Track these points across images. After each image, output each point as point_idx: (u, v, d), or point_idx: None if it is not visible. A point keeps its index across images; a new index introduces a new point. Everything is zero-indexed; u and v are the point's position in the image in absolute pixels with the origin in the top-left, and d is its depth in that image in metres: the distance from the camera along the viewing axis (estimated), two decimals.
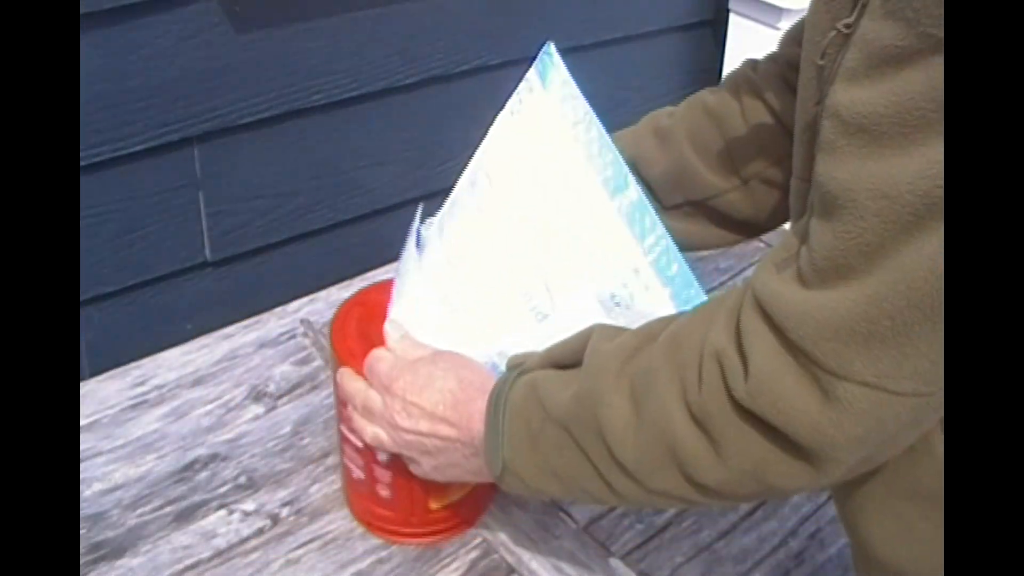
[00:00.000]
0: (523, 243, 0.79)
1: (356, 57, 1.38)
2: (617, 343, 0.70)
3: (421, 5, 1.41)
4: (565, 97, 0.77)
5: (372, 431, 0.83)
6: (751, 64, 0.94)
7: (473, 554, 0.93)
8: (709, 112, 0.93)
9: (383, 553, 0.92)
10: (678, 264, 0.75)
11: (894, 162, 0.51)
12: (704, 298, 0.75)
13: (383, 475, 0.89)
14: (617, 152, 0.76)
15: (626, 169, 0.76)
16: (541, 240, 0.78)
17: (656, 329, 0.70)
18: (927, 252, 0.52)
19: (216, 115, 1.27)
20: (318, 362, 1.14)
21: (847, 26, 0.56)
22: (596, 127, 0.77)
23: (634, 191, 0.76)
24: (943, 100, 0.48)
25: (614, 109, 1.85)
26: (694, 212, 0.94)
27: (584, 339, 0.73)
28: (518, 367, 0.77)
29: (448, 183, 1.06)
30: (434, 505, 0.91)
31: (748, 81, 0.93)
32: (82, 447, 1.01)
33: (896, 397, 0.56)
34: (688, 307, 0.75)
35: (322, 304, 1.24)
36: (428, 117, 1.48)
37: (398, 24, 1.40)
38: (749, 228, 0.96)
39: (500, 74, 1.53)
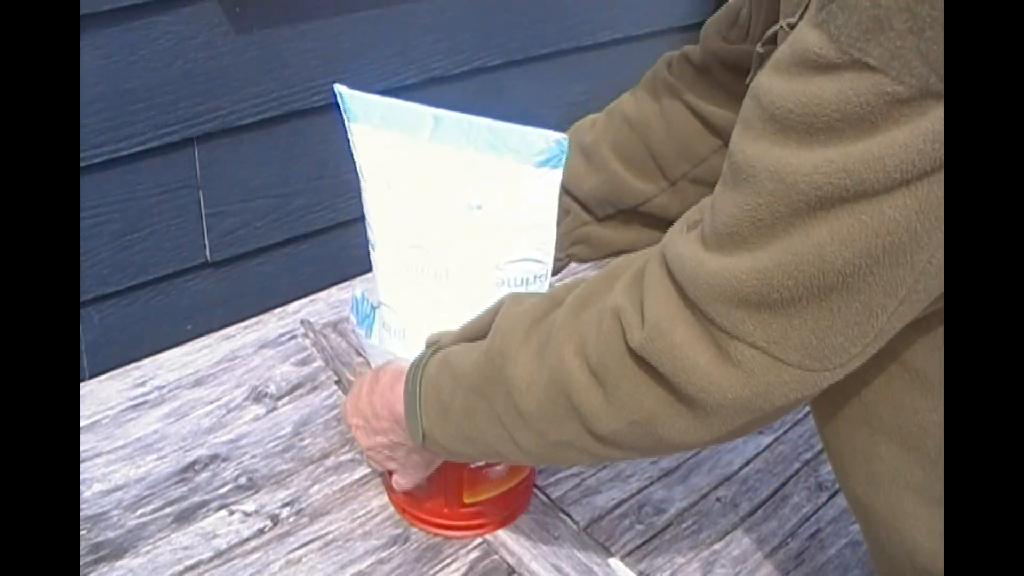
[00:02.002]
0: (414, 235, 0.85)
1: (356, 58, 1.38)
2: (527, 306, 0.74)
3: (421, 5, 1.41)
4: (366, 112, 0.86)
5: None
6: (666, 62, 0.95)
7: (473, 554, 0.93)
8: (629, 121, 0.95)
9: (383, 554, 0.92)
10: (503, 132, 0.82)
11: (795, 152, 0.55)
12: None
13: None
14: (412, 105, 0.84)
15: (424, 108, 0.83)
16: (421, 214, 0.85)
17: (563, 294, 0.73)
18: (815, 238, 0.55)
19: (216, 115, 1.27)
20: (318, 363, 1.14)
21: (791, 25, 0.59)
22: (392, 104, 0.84)
23: (440, 113, 0.83)
24: (848, 111, 0.52)
25: None
26: (627, 220, 0.97)
27: (494, 311, 0.77)
28: (434, 344, 0.81)
29: None
30: (468, 499, 0.93)
31: (665, 83, 0.94)
32: (82, 447, 1.01)
33: (783, 366, 0.59)
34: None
35: (322, 304, 1.24)
36: None
37: (398, 24, 1.40)
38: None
39: (500, 74, 1.53)
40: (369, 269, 0.92)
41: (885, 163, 0.52)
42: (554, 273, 0.98)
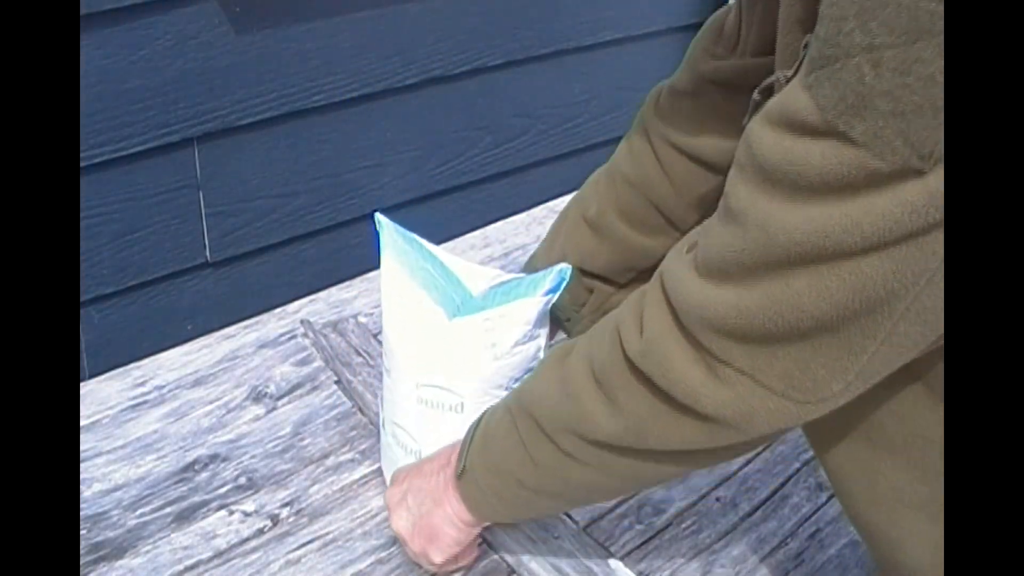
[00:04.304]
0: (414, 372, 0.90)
1: (356, 58, 1.38)
2: (566, 342, 0.79)
3: (421, 6, 1.41)
4: (397, 252, 0.92)
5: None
6: (654, 99, 0.94)
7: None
8: (631, 184, 0.94)
9: (383, 554, 0.92)
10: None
11: (780, 206, 0.57)
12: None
13: None
14: (444, 270, 0.91)
15: (454, 283, 0.91)
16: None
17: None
18: (794, 288, 0.58)
19: (216, 115, 1.27)
20: (318, 362, 1.14)
21: (787, 78, 0.60)
22: (424, 264, 0.91)
23: (465, 292, 0.90)
24: (829, 178, 0.54)
25: (614, 109, 1.86)
26: (648, 277, 0.96)
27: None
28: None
29: (448, 184, 1.06)
30: None
31: (656, 129, 0.92)
32: (82, 447, 1.01)
33: (768, 392, 0.62)
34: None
35: (322, 304, 1.24)
36: (428, 117, 1.48)
37: (398, 24, 1.40)
38: None
39: (500, 74, 1.53)
40: (368, 270, 0.93)
41: (863, 228, 0.54)
42: None
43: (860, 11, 0.50)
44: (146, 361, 1.14)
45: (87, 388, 1.09)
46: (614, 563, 0.93)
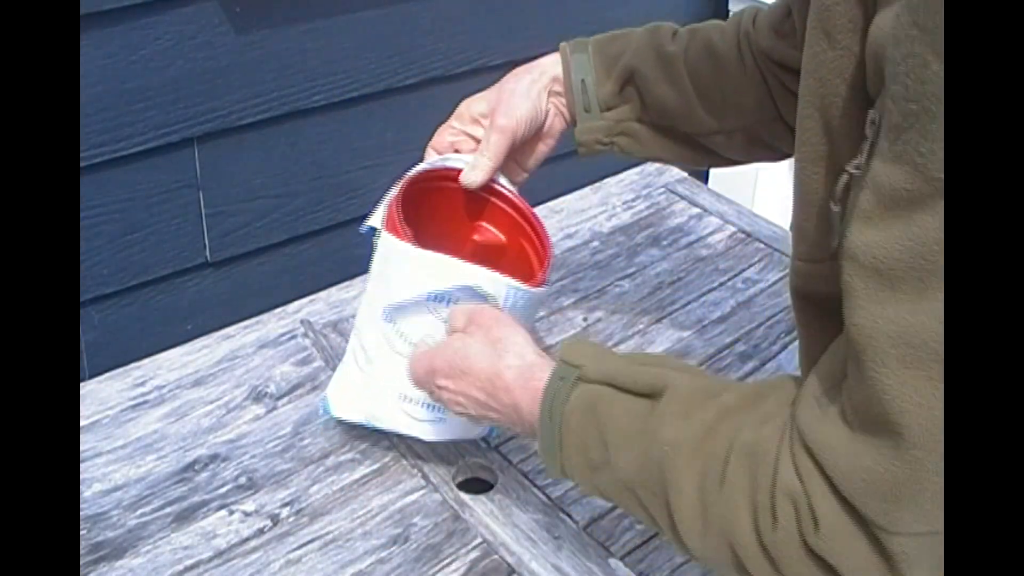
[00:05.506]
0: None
1: (356, 58, 1.38)
2: (694, 420, 0.67)
3: (421, 6, 1.41)
4: None
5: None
6: (751, 19, 0.94)
7: (473, 554, 0.93)
8: (714, 56, 0.94)
9: (383, 554, 0.92)
10: None
11: (911, 307, 0.50)
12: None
13: None
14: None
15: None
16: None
17: (731, 404, 0.67)
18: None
19: (216, 115, 1.27)
20: (318, 362, 1.14)
21: (858, 167, 0.56)
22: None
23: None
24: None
25: None
26: (677, 137, 0.96)
27: (652, 378, 0.71)
28: (576, 368, 0.74)
29: None
30: None
31: (749, 41, 0.93)
32: (82, 447, 1.01)
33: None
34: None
35: (322, 304, 1.24)
36: (428, 117, 1.48)
37: (398, 25, 1.40)
38: (717, 161, 0.99)
39: (500, 74, 1.53)
40: (368, 269, 0.93)
41: None
42: (590, 154, 0.99)
43: (939, 48, 0.46)
44: (146, 361, 1.14)
45: (87, 388, 1.09)
46: (614, 563, 0.93)
